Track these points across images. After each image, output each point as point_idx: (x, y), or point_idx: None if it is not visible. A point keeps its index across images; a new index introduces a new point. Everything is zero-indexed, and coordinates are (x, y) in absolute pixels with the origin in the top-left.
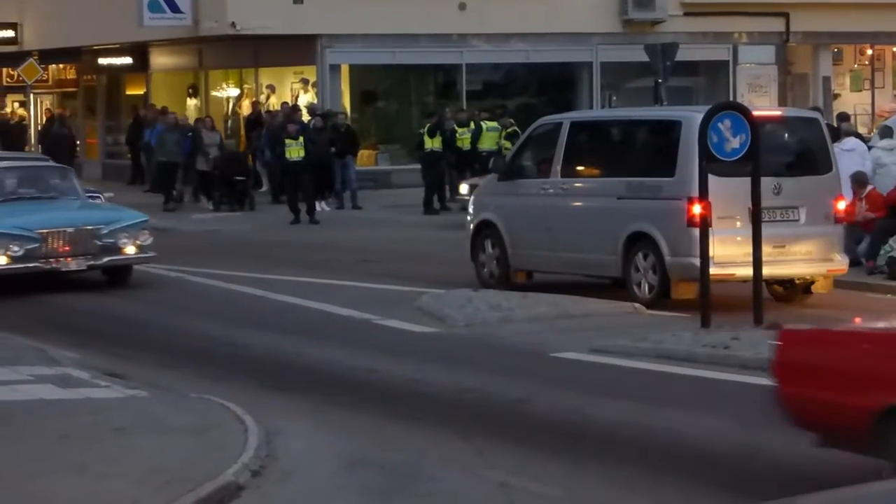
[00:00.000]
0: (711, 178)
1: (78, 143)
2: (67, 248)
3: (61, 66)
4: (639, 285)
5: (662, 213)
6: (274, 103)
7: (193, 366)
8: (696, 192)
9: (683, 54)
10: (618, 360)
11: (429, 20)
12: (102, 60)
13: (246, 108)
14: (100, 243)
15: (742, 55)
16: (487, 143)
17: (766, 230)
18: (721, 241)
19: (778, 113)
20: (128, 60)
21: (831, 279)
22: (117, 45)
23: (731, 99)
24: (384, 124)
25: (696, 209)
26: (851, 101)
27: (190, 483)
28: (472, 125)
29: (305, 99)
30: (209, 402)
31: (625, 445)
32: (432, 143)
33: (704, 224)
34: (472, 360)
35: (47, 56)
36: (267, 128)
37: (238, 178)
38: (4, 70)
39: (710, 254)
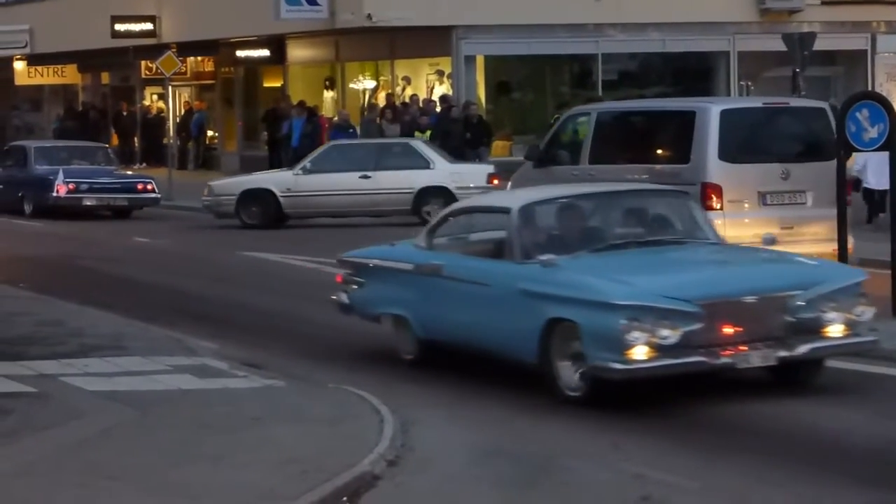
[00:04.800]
0: (722, 165)
1: (216, 134)
2: (743, 329)
3: (199, 58)
4: None
5: None
6: (408, 96)
7: (329, 356)
8: (708, 178)
9: (821, 44)
10: None
11: (564, 10)
12: (240, 53)
13: (381, 100)
14: (792, 320)
15: (881, 44)
16: None
17: (775, 213)
18: (731, 224)
19: (786, 102)
20: (265, 53)
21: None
22: (254, 38)
23: (870, 89)
24: (519, 115)
25: (709, 194)
26: None
27: (326, 473)
28: None
29: (440, 90)
30: (345, 393)
31: (760, 437)
32: None
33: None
34: None
35: (185, 49)
36: (401, 119)
37: None
38: (143, 63)
39: (722, 235)
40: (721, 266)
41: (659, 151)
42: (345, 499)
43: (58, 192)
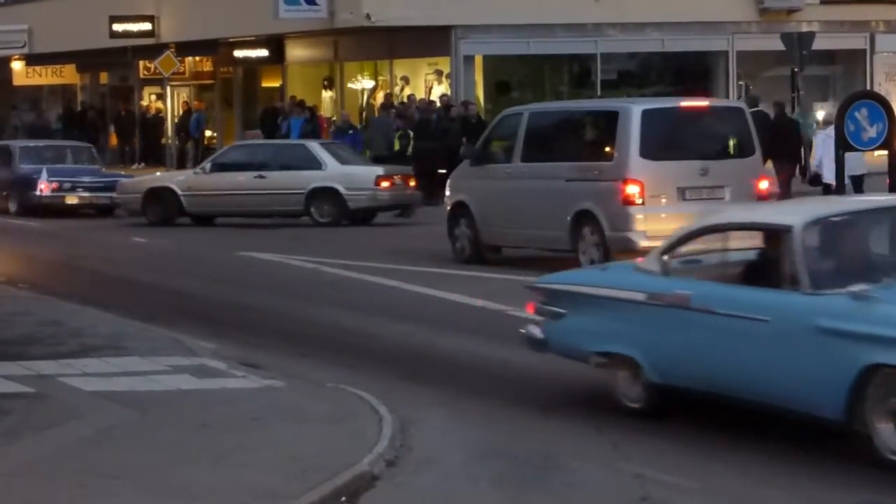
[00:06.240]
0: (643, 162)
1: (215, 134)
2: None
3: (198, 58)
4: (586, 257)
5: (603, 193)
6: (406, 95)
7: (328, 356)
8: (630, 175)
9: (820, 43)
10: None
11: (563, 10)
12: (238, 53)
13: (380, 99)
14: None
15: (880, 44)
16: None
17: (694, 207)
18: (652, 218)
19: (705, 103)
20: (264, 53)
21: None
22: (253, 38)
23: (869, 88)
24: None
25: (631, 189)
26: None
27: (326, 472)
28: None
29: (439, 90)
30: (344, 392)
31: (761, 437)
32: None
33: None
34: None
35: (184, 49)
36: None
37: (441, 171)
38: (142, 63)
39: (643, 228)
40: None
41: (585, 149)
42: (344, 498)
43: (41, 190)
